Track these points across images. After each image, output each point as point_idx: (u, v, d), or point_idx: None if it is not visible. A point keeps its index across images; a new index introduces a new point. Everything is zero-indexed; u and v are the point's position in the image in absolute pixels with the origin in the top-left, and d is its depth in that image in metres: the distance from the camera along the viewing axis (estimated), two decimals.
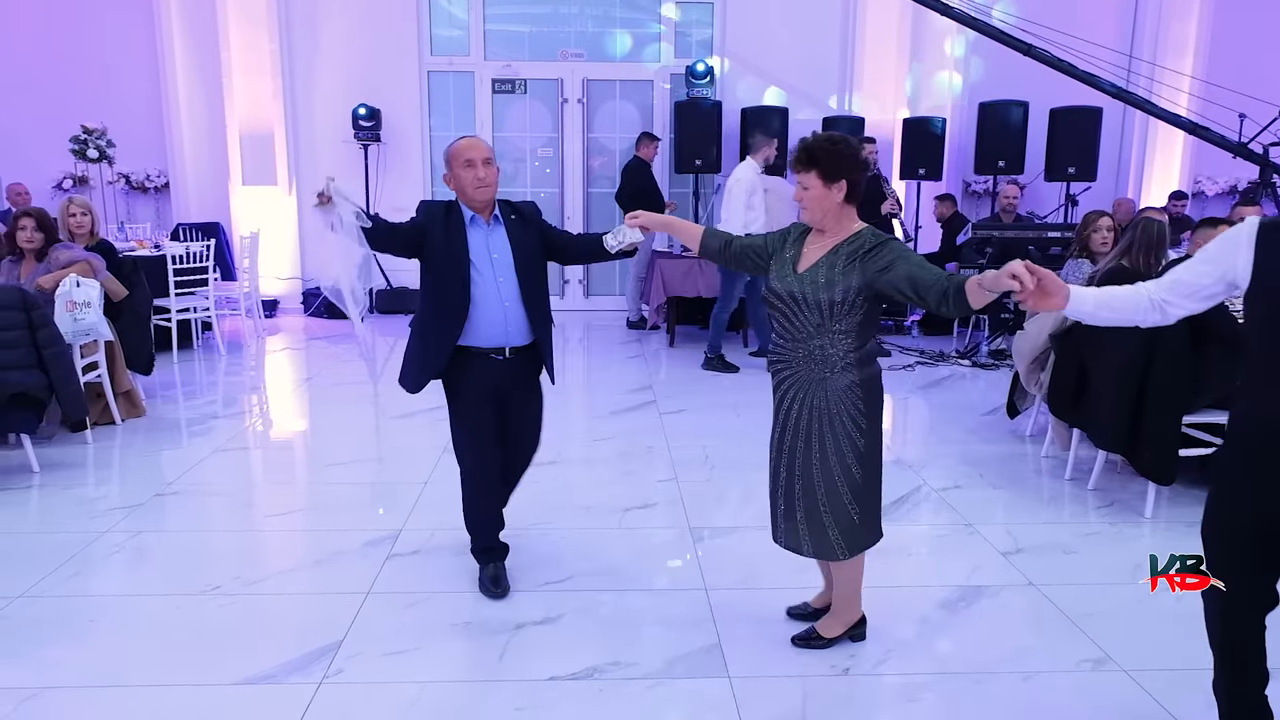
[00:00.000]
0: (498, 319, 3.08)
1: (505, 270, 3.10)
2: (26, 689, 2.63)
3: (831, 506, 2.69)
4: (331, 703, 2.59)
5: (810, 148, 2.59)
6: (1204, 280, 2.13)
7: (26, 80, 9.13)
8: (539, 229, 3.23)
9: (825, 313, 2.58)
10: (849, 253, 2.58)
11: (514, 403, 3.24)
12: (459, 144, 3.10)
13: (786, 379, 2.70)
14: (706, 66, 8.72)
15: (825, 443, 2.65)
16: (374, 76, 9.01)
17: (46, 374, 4.47)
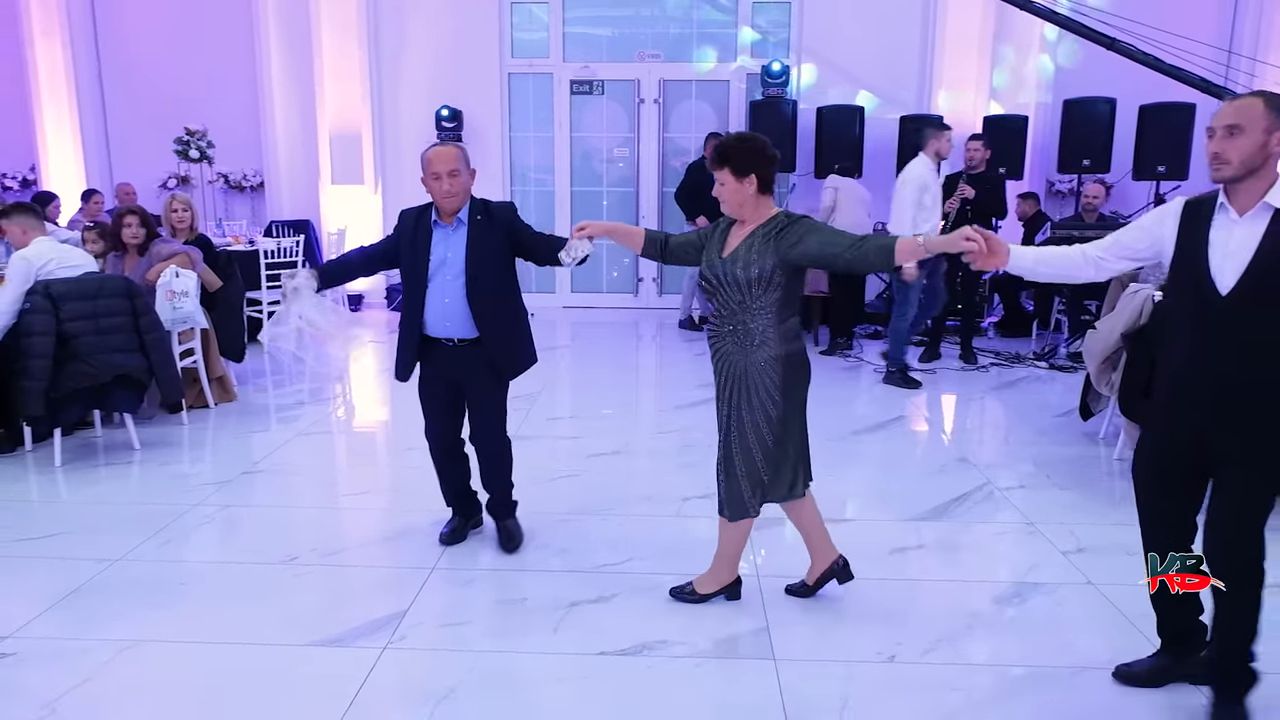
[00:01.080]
0: (439, 313, 3.34)
1: (453, 270, 3.31)
2: (124, 640, 2.86)
3: (746, 469, 2.94)
4: (394, 666, 2.74)
5: (722, 147, 2.87)
6: (1139, 244, 2.50)
7: (137, 87, 9.71)
8: (507, 230, 3.37)
9: (745, 291, 2.83)
10: (764, 234, 2.84)
11: (470, 393, 3.49)
12: (429, 154, 3.31)
13: (717, 351, 2.96)
14: (783, 66, 8.73)
15: (743, 411, 2.90)
16: (456, 79, 9.28)
17: (148, 358, 4.78)
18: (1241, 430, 2.31)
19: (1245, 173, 2.27)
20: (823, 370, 6.83)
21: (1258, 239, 2.25)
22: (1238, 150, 2.26)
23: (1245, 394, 2.29)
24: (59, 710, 2.51)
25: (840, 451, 4.93)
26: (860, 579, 3.24)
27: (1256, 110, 2.25)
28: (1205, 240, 2.32)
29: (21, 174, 9.83)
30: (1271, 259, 2.23)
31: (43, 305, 4.44)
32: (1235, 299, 2.27)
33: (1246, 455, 2.32)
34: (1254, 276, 2.25)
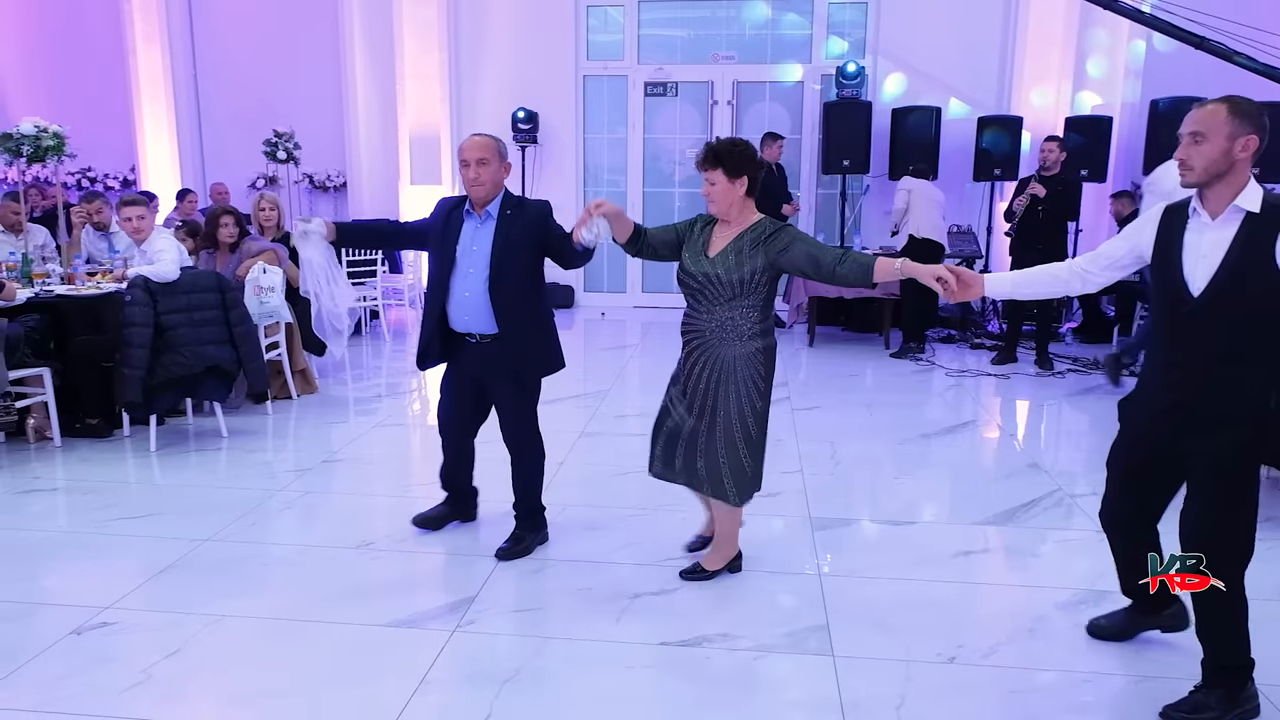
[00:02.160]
0: (461, 306, 3.34)
1: (478, 262, 3.30)
2: (212, 615, 3.03)
3: (729, 458, 3.10)
4: (462, 648, 2.85)
5: (716, 150, 2.98)
6: (1119, 252, 2.57)
7: (229, 91, 10.14)
8: (537, 227, 3.34)
9: (736, 290, 2.98)
10: (753, 239, 3.00)
11: (492, 391, 3.48)
12: (462, 143, 3.33)
13: (697, 346, 3.09)
14: (858, 66, 8.67)
15: (729, 402, 3.06)
16: (533, 81, 9.46)
17: (237, 350, 5.02)
18: (1203, 427, 2.37)
19: (1210, 178, 2.31)
20: (894, 373, 6.84)
21: (1228, 242, 2.30)
22: (1201, 156, 2.30)
23: (1213, 393, 2.35)
24: (154, 676, 2.67)
25: (910, 454, 4.91)
26: (924, 580, 3.24)
27: (1219, 117, 2.30)
28: (1180, 244, 2.39)
29: (123, 174, 10.36)
30: (1241, 261, 2.28)
31: (142, 298, 4.70)
32: (1206, 300, 2.32)
33: (1209, 453, 2.37)
34: (1224, 278, 2.30)
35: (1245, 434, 2.34)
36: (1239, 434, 2.34)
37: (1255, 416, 2.34)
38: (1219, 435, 2.35)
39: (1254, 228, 2.28)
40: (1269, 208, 2.29)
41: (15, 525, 3.85)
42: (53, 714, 2.49)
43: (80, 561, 3.54)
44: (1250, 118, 2.30)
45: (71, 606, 3.07)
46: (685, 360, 3.16)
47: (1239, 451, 2.36)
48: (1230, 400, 2.34)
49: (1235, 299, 2.29)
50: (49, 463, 4.63)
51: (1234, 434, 2.34)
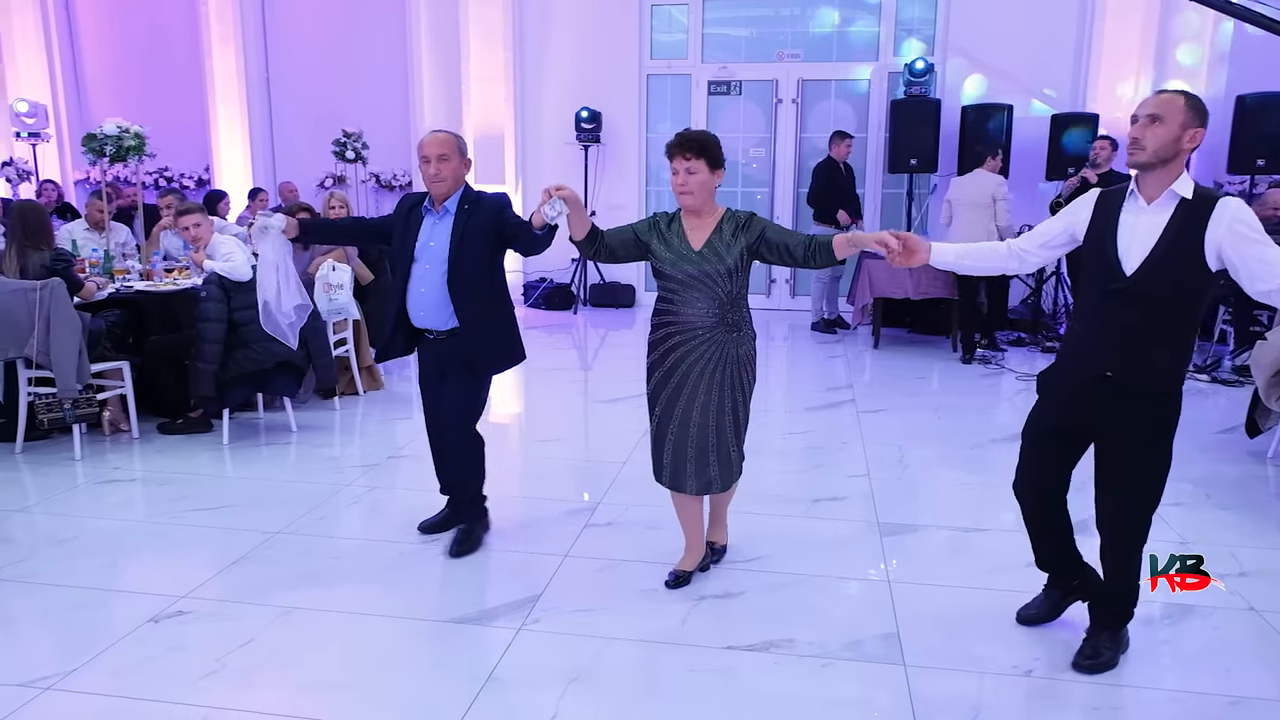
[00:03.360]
0: (417, 303, 3.35)
1: (435, 259, 3.28)
2: (283, 606, 3.08)
3: (719, 448, 3.10)
4: (528, 646, 2.84)
5: (699, 139, 2.98)
6: (1054, 232, 2.71)
7: (300, 92, 10.35)
8: (491, 220, 3.29)
9: (729, 280, 3.00)
10: (732, 227, 3.02)
11: (447, 384, 3.46)
12: (423, 138, 3.31)
13: (686, 342, 3.04)
14: (927, 64, 8.51)
15: (735, 391, 3.07)
16: (596, 81, 9.47)
17: (306, 346, 5.10)
18: (1122, 405, 2.52)
19: (1157, 161, 2.43)
20: (962, 376, 6.68)
21: (1163, 226, 2.44)
22: (1155, 138, 2.42)
23: (1132, 368, 2.50)
24: (227, 665, 2.72)
25: (979, 460, 4.78)
26: (998, 589, 3.15)
27: (1177, 105, 2.43)
28: (1115, 225, 2.52)
29: (198, 174, 10.65)
30: (1174, 243, 2.42)
31: (217, 295, 4.81)
32: (1137, 279, 2.45)
33: (1126, 428, 2.53)
34: (1156, 259, 2.43)
35: (1167, 406, 2.52)
36: (1161, 406, 2.52)
37: (1173, 390, 2.52)
38: (1142, 408, 2.51)
39: (1186, 214, 2.42)
40: (1199, 197, 2.43)
41: (96, 514, 3.96)
42: (131, 699, 2.54)
43: (156, 551, 3.63)
44: (1201, 113, 2.45)
45: (149, 595, 3.15)
46: (665, 358, 3.09)
47: (1162, 422, 2.53)
48: (1151, 374, 2.50)
49: (1163, 279, 2.43)
50: (126, 454, 4.77)
51: (1157, 406, 2.52)
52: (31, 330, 4.47)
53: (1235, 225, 2.37)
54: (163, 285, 5.57)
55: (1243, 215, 2.39)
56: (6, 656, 2.79)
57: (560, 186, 2.96)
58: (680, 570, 3.27)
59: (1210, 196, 2.43)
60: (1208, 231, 2.38)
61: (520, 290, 9.83)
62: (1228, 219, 2.38)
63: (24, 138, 9.87)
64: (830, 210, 8.05)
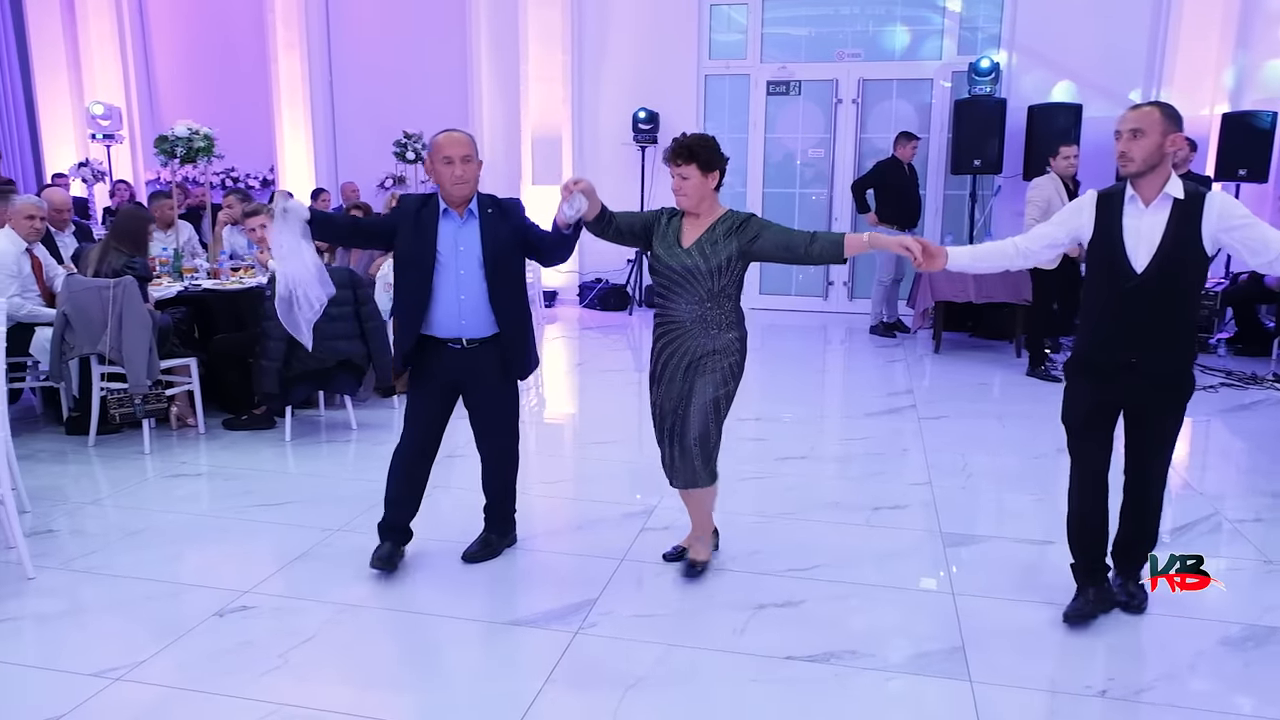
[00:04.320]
0: (453, 311, 3.17)
1: (469, 264, 3.15)
2: (343, 604, 3.11)
3: (700, 441, 3.12)
4: (585, 651, 2.83)
5: (689, 144, 3.04)
6: (1058, 234, 2.95)
7: (361, 94, 10.52)
8: (518, 225, 3.24)
9: (712, 279, 3.04)
10: (725, 228, 3.07)
11: (476, 394, 3.32)
12: (439, 138, 3.16)
13: (674, 337, 3.11)
14: (992, 62, 8.32)
15: (705, 388, 3.09)
16: (654, 81, 9.45)
17: (367, 345, 5.16)
18: (1154, 381, 2.80)
19: (1146, 169, 2.70)
20: (1026, 383, 6.50)
21: (1163, 224, 2.71)
22: (1141, 150, 2.69)
23: (1156, 351, 2.77)
24: (290, 661, 2.75)
25: (1046, 470, 4.64)
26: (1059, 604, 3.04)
27: (1154, 117, 2.70)
28: (1120, 227, 2.77)
29: (263, 174, 10.88)
30: (1176, 241, 2.70)
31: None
32: (1148, 275, 2.73)
33: (1158, 402, 2.84)
34: (1163, 256, 2.71)
35: (1187, 384, 2.84)
36: (1183, 385, 2.84)
37: (1189, 367, 2.85)
38: (1164, 389, 2.82)
39: (1182, 212, 2.71)
40: (1190, 195, 2.71)
41: (164, 508, 4.05)
42: (198, 693, 2.58)
43: (220, 545, 3.70)
44: (1176, 120, 2.73)
45: (214, 589, 3.20)
46: (659, 353, 3.18)
47: (1181, 394, 2.85)
48: (1169, 357, 2.79)
49: (1171, 273, 2.72)
50: (193, 449, 4.87)
51: (1179, 385, 2.83)
52: (105, 327, 4.60)
53: (1225, 215, 2.69)
54: (229, 284, 5.68)
55: (1229, 205, 2.72)
56: (79, 646, 2.86)
57: (578, 180, 3.04)
58: (691, 560, 3.36)
59: (1198, 194, 2.72)
60: (1203, 225, 2.69)
61: (575, 291, 9.86)
62: (1217, 211, 2.69)
63: (99, 139, 10.19)
64: (892, 210, 7.92)
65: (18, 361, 4.98)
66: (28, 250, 4.99)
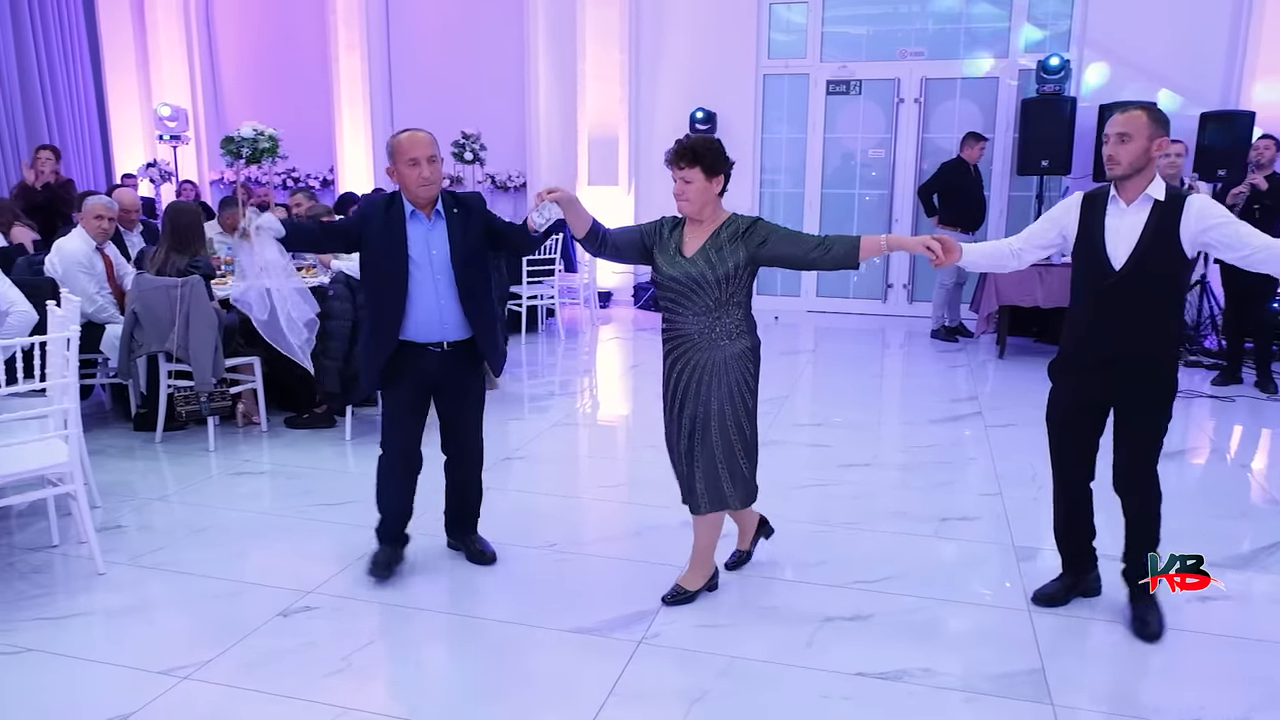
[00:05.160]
0: (434, 315, 3.08)
1: (443, 267, 3.07)
2: (404, 606, 3.10)
3: (727, 464, 2.99)
4: (649, 661, 2.77)
5: (693, 146, 2.89)
6: (1049, 234, 3.01)
7: (420, 94, 10.59)
8: (482, 222, 3.15)
9: (721, 288, 2.91)
10: (730, 234, 2.93)
11: (452, 394, 3.24)
12: (402, 138, 3.03)
13: (683, 352, 2.98)
14: (1062, 60, 8.08)
15: (722, 404, 2.95)
16: (712, 81, 9.36)
17: None
18: (1130, 378, 2.84)
19: (1132, 172, 2.77)
20: None
21: (1142, 225, 2.78)
22: (1128, 153, 2.75)
23: (1133, 348, 2.82)
24: (353, 664, 2.74)
25: None
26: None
27: (1141, 121, 2.75)
28: (1102, 227, 2.84)
29: (322, 174, 11.03)
30: (1153, 240, 2.76)
31: (343, 293, 4.92)
32: (1125, 273, 2.79)
33: (1137, 399, 2.86)
34: (1140, 254, 2.78)
35: (1166, 382, 2.85)
36: (1161, 383, 2.84)
37: (1169, 366, 2.86)
38: (1145, 384, 2.84)
39: (1161, 213, 2.76)
40: (1170, 197, 2.78)
41: (227, 505, 4.09)
42: (262, 694, 2.58)
43: (283, 544, 3.71)
44: (1163, 123, 2.79)
45: (277, 588, 3.21)
46: (670, 369, 3.04)
47: (1164, 390, 2.85)
48: (1147, 355, 2.82)
49: (1148, 271, 2.77)
50: (256, 447, 4.92)
51: (1157, 383, 2.84)
52: (172, 325, 4.66)
53: (1204, 216, 2.74)
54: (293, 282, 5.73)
55: (1207, 206, 2.77)
56: (147, 643, 2.88)
57: (552, 189, 2.89)
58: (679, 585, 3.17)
59: (1179, 195, 2.79)
60: (1181, 225, 2.74)
61: (630, 292, 9.82)
62: (1195, 212, 2.74)
63: (165, 140, 10.41)
64: (956, 214, 7.75)
65: (88, 358, 5.08)
66: (99, 249, 5.09)
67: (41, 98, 10.18)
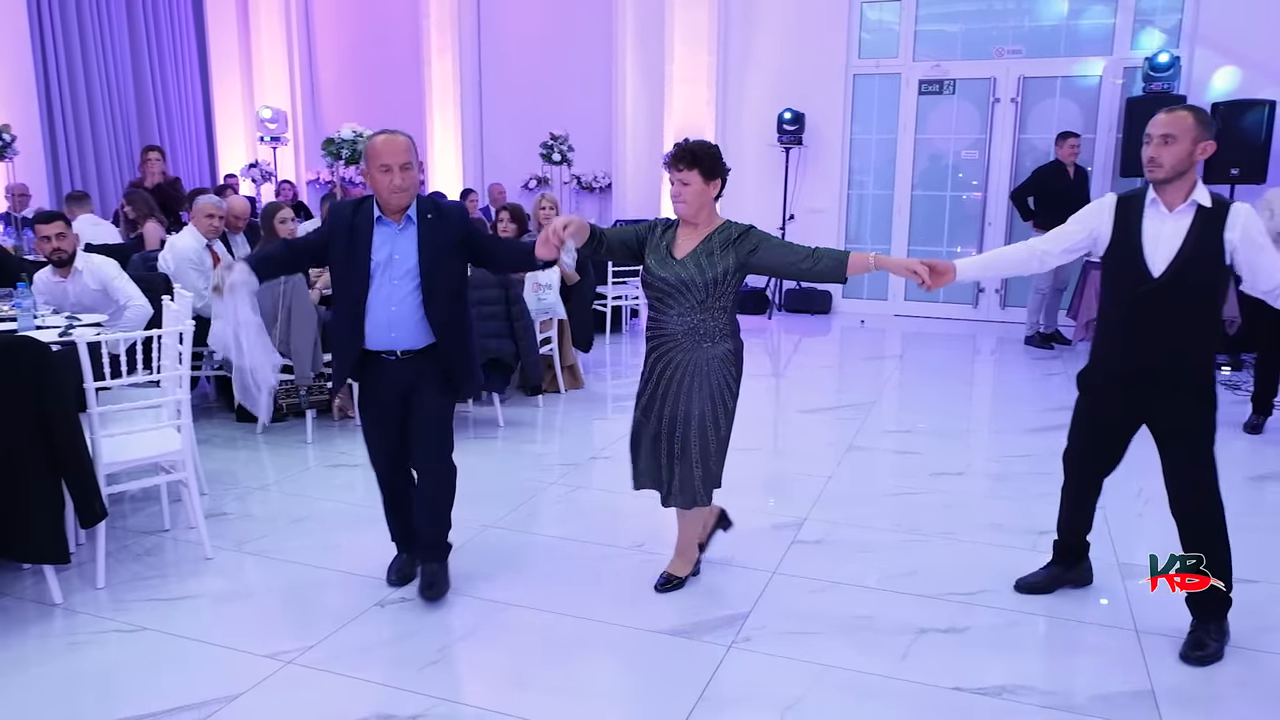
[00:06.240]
0: (382, 321, 2.97)
1: (402, 272, 2.95)
2: (496, 601, 3.14)
3: (702, 459, 3.03)
4: (740, 666, 2.75)
5: (692, 149, 2.92)
6: (1078, 236, 2.90)
7: (509, 97, 10.77)
8: (459, 231, 3.02)
9: (706, 291, 2.93)
10: (722, 240, 2.96)
11: (413, 405, 3.07)
12: (377, 142, 2.93)
13: (666, 350, 3.01)
14: (1172, 57, 7.75)
15: (704, 403, 2.99)
16: (800, 82, 9.27)
17: (515, 344, 5.24)
18: (1167, 392, 2.74)
19: (1175, 175, 2.66)
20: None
21: (1185, 231, 2.67)
22: (1171, 156, 2.64)
23: (1167, 357, 2.72)
24: (448, 656, 2.80)
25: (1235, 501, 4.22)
26: (1270, 652, 2.77)
27: (1188, 123, 2.64)
28: (1139, 231, 2.73)
29: None
30: (1196, 247, 2.66)
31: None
32: (1165, 280, 2.68)
33: (1176, 415, 2.74)
34: (1181, 262, 2.67)
35: (1203, 399, 2.72)
36: (1197, 399, 2.72)
37: (1207, 380, 2.73)
38: (1181, 397, 2.73)
39: (1205, 220, 2.66)
40: (1216, 204, 2.67)
41: (324, 496, 4.21)
42: (362, 680, 2.65)
43: (377, 535, 3.77)
44: (1208, 126, 2.67)
45: (374, 579, 3.29)
46: (652, 366, 3.07)
47: (1202, 410, 2.73)
48: (1182, 367, 2.72)
49: (1188, 280, 2.67)
50: (350, 440, 5.05)
51: (1193, 396, 2.72)
52: (275, 321, 4.83)
53: (1249, 231, 2.63)
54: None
55: (1253, 223, 2.65)
56: (252, 626, 2.99)
57: (566, 225, 2.78)
58: (668, 574, 3.28)
59: (1224, 203, 2.68)
60: (1225, 234, 2.63)
61: None
62: (1241, 224, 2.63)
63: (266, 141, 10.80)
64: (1053, 217, 7.50)
65: (196, 351, 5.29)
66: (208, 246, 5.30)
67: (153, 101, 10.68)
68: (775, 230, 9.06)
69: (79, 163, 9.85)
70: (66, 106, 9.70)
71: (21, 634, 2.91)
